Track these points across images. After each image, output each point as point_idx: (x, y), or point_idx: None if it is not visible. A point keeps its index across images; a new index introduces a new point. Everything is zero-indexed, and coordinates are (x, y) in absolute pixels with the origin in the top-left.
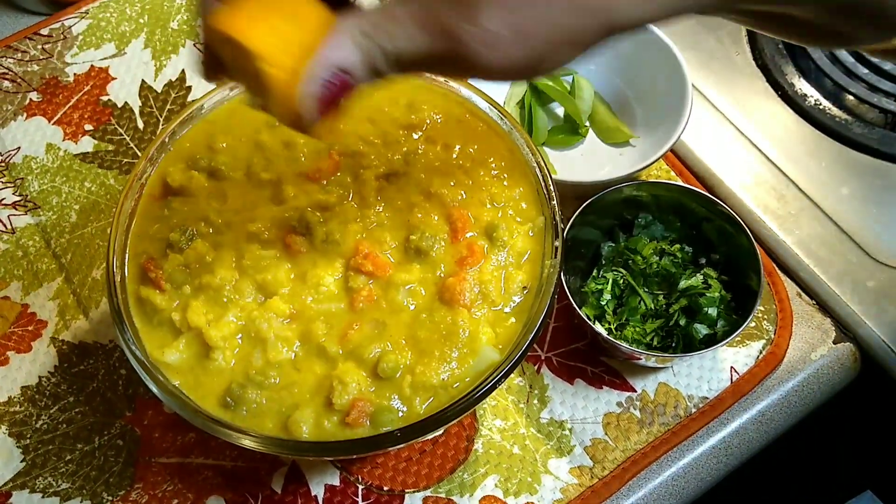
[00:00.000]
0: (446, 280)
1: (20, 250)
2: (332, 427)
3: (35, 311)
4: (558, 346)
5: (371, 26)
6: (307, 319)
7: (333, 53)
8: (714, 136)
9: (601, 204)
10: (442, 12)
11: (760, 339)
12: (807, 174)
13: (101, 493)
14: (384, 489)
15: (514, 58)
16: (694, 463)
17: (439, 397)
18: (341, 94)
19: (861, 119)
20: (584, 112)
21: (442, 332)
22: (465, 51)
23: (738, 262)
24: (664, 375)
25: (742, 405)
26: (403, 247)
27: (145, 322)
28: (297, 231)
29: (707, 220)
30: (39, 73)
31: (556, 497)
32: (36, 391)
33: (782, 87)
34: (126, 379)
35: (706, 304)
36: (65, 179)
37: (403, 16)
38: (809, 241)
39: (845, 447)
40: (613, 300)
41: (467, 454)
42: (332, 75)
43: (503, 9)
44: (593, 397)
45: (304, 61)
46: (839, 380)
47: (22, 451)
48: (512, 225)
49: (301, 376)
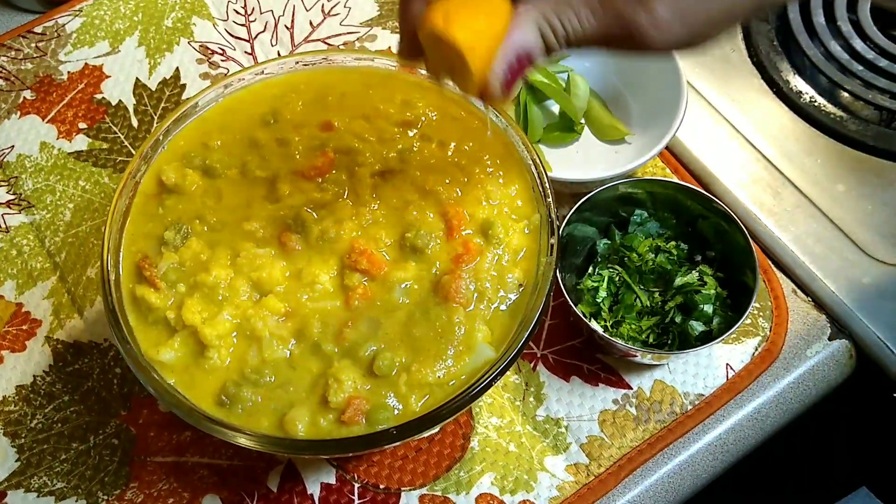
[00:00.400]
0: (442, 277)
1: (14, 249)
2: (328, 425)
3: (29, 310)
4: (554, 343)
5: (550, 12)
6: (302, 318)
7: (518, 38)
8: (709, 134)
9: (597, 201)
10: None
11: (756, 336)
12: (802, 171)
13: (97, 493)
14: (380, 487)
15: (679, 37)
16: (690, 460)
17: (435, 395)
18: (523, 70)
19: (856, 116)
20: (580, 109)
21: (437, 330)
22: (637, 33)
23: (733, 259)
24: (660, 372)
25: (738, 402)
26: (399, 244)
27: (140, 320)
28: (292, 229)
29: (702, 217)
30: (33, 72)
31: (553, 494)
32: (31, 390)
33: (777, 84)
34: (121, 378)
35: (702, 301)
36: (59, 178)
37: (579, 2)
38: (805, 238)
39: (841, 444)
40: (609, 297)
41: (463, 452)
42: (516, 57)
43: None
44: (589, 395)
45: (495, 48)
46: (835, 376)
47: (17, 450)
48: (507, 222)
49: (296, 374)
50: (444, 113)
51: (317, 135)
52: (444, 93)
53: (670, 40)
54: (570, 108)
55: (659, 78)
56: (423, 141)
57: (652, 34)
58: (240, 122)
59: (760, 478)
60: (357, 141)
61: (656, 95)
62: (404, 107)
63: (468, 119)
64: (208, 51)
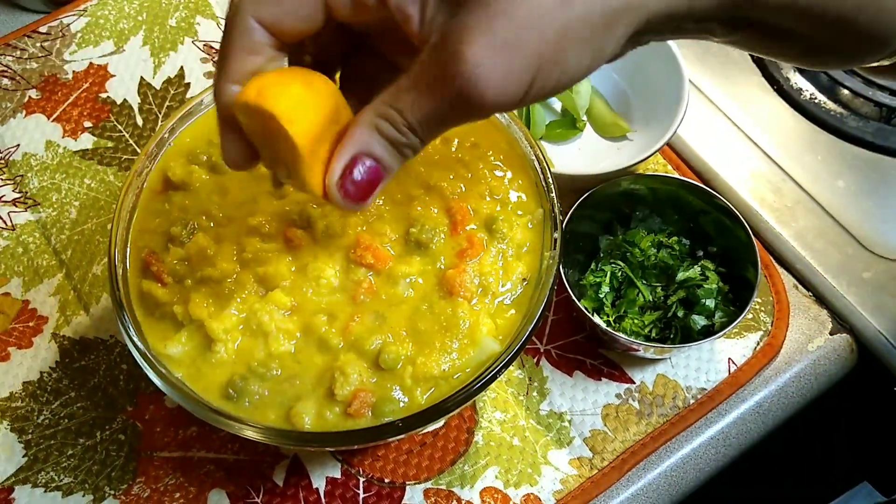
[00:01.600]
0: (446, 272)
1: (20, 247)
2: (335, 418)
3: (36, 307)
4: (557, 338)
5: (384, 107)
6: (308, 312)
7: (355, 144)
8: (710, 131)
9: (599, 197)
10: (435, 64)
11: (758, 331)
12: (803, 167)
13: (104, 488)
14: (385, 481)
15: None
16: (692, 454)
17: (440, 388)
18: (375, 180)
19: (856, 113)
20: (582, 107)
21: (442, 324)
22: (468, 89)
23: (735, 254)
24: (662, 367)
25: (740, 396)
26: (403, 239)
27: (147, 315)
28: (297, 224)
29: (704, 212)
30: (38, 71)
31: (557, 488)
32: (37, 386)
33: (778, 82)
34: (127, 374)
35: (704, 295)
36: (64, 176)
37: (407, 84)
38: (806, 234)
39: (842, 438)
40: (612, 293)
41: (468, 446)
42: (360, 165)
43: (487, 36)
44: (592, 389)
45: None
46: (836, 371)
47: (24, 445)
48: (511, 217)
49: (303, 368)
50: None
51: None
52: None
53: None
54: (572, 106)
55: (661, 75)
56: None
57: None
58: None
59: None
60: None
61: (658, 92)
62: None
63: None
64: (212, 50)
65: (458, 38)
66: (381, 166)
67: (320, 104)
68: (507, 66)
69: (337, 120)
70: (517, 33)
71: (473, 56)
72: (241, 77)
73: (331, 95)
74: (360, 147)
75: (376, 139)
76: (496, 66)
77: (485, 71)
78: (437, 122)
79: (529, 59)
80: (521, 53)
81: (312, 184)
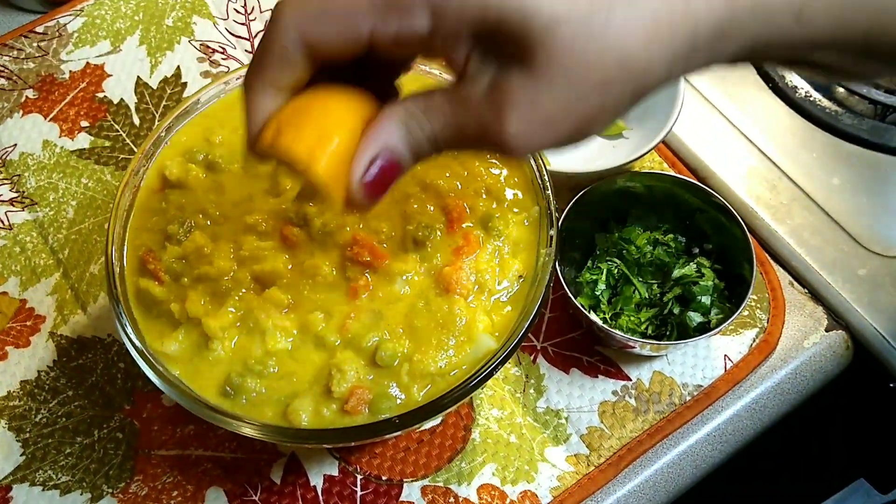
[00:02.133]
0: (443, 269)
1: (18, 246)
2: (332, 415)
3: (33, 306)
4: (554, 336)
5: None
6: (305, 309)
7: (380, 138)
8: (706, 129)
9: (595, 195)
10: (477, 110)
11: (753, 328)
12: (798, 165)
13: (101, 486)
14: (383, 478)
15: (542, 143)
16: (689, 450)
17: (437, 384)
18: (390, 175)
19: (851, 110)
20: None
21: (439, 321)
22: (499, 143)
23: (730, 251)
24: (659, 364)
25: (736, 393)
26: (400, 237)
27: (144, 313)
28: (294, 222)
29: (700, 210)
30: (35, 71)
31: (553, 485)
32: (35, 385)
33: (773, 80)
34: (125, 372)
35: (700, 292)
36: (62, 176)
37: (443, 105)
38: (801, 231)
39: (838, 435)
40: (608, 290)
41: (465, 443)
42: (381, 159)
43: (528, 105)
44: (589, 386)
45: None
46: (831, 367)
47: (21, 444)
48: (507, 215)
49: (299, 365)
50: None
51: None
52: None
53: (536, 147)
54: None
55: None
56: None
57: (508, 143)
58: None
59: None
60: None
61: None
62: None
63: None
64: (209, 49)
65: (502, 100)
66: (400, 163)
67: (344, 127)
68: (543, 139)
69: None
70: (559, 112)
71: (513, 126)
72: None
73: (356, 111)
74: (386, 140)
75: (401, 136)
76: (533, 136)
77: (521, 140)
78: (460, 147)
79: (565, 134)
80: (558, 129)
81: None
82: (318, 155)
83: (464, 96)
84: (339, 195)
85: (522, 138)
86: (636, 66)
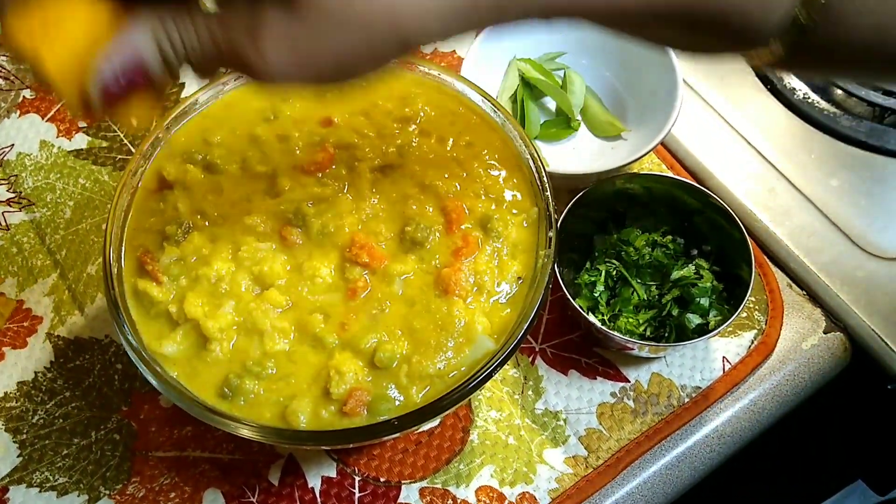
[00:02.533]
0: (441, 271)
1: (15, 247)
2: (330, 416)
3: (30, 307)
4: (552, 337)
5: (169, 20)
6: (304, 310)
7: (127, 43)
8: (705, 131)
9: (593, 196)
10: (233, 31)
11: (752, 330)
12: (797, 167)
13: (99, 487)
14: (381, 480)
15: (300, 78)
16: (687, 452)
17: (436, 386)
18: (134, 83)
19: (849, 112)
20: (576, 106)
21: (438, 322)
22: (249, 67)
23: (729, 253)
24: (657, 366)
25: (734, 395)
26: (399, 238)
27: (142, 314)
28: (292, 223)
29: (699, 212)
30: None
31: (552, 486)
32: (32, 386)
33: (771, 82)
34: (122, 374)
35: (698, 294)
36: (59, 176)
37: (199, 23)
38: (800, 233)
39: (836, 437)
40: (606, 292)
41: (463, 445)
42: (123, 65)
43: (285, 41)
44: (587, 388)
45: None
46: (829, 369)
47: (18, 445)
48: (506, 216)
49: (298, 367)
50: (442, 108)
51: (316, 130)
52: (442, 88)
53: (292, 78)
54: (566, 105)
55: (655, 75)
56: (422, 136)
57: (263, 71)
58: (240, 118)
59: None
60: (357, 136)
61: (652, 92)
62: (403, 102)
63: (466, 114)
64: None
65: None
66: (145, 70)
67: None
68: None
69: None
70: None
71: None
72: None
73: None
74: (134, 43)
75: (149, 41)
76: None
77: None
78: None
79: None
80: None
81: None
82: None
83: (223, 16)
84: (72, 94)
85: (278, 67)
86: (406, 15)
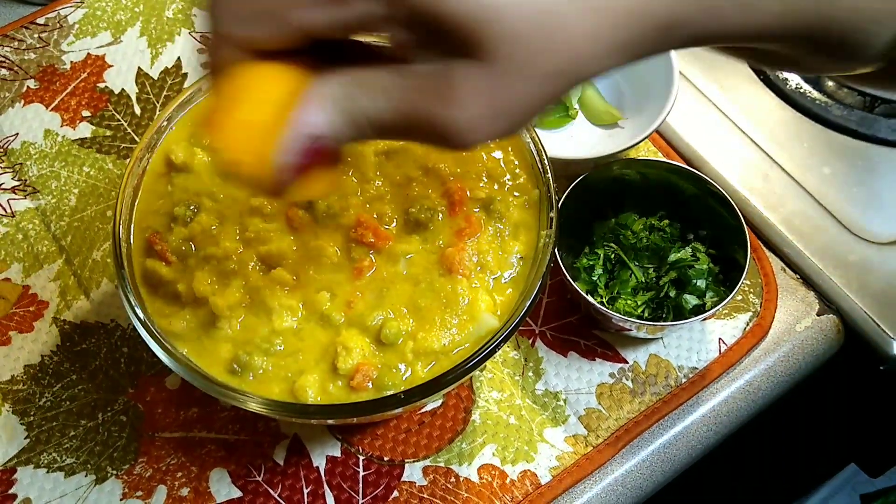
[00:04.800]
0: (445, 250)
1: (20, 233)
2: (337, 391)
3: (36, 292)
4: (552, 320)
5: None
6: (311, 289)
7: (305, 119)
8: (700, 120)
9: (591, 182)
10: (424, 96)
11: (747, 312)
12: (789, 155)
13: (106, 468)
14: (385, 459)
15: (493, 133)
16: (684, 431)
17: (441, 362)
18: (317, 158)
19: (841, 102)
20: (574, 94)
21: (442, 300)
22: (445, 133)
23: (725, 237)
24: (655, 347)
25: (730, 375)
26: (403, 219)
27: (151, 293)
28: (298, 205)
29: (695, 197)
30: (36, 62)
31: (553, 464)
32: (39, 369)
33: (764, 72)
34: (128, 357)
35: (695, 275)
36: (63, 164)
37: (388, 85)
38: (793, 219)
39: (829, 419)
40: (605, 274)
41: (465, 425)
42: (303, 144)
43: (481, 96)
44: (586, 369)
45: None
46: (823, 350)
47: (26, 427)
48: (508, 198)
49: (306, 343)
50: None
51: None
52: None
53: (482, 138)
54: None
55: (651, 66)
56: None
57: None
58: None
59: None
60: None
61: (648, 82)
62: None
63: None
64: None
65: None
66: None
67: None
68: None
69: None
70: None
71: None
72: None
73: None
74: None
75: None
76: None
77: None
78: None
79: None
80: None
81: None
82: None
83: (411, 80)
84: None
85: (472, 129)
86: (584, 56)
